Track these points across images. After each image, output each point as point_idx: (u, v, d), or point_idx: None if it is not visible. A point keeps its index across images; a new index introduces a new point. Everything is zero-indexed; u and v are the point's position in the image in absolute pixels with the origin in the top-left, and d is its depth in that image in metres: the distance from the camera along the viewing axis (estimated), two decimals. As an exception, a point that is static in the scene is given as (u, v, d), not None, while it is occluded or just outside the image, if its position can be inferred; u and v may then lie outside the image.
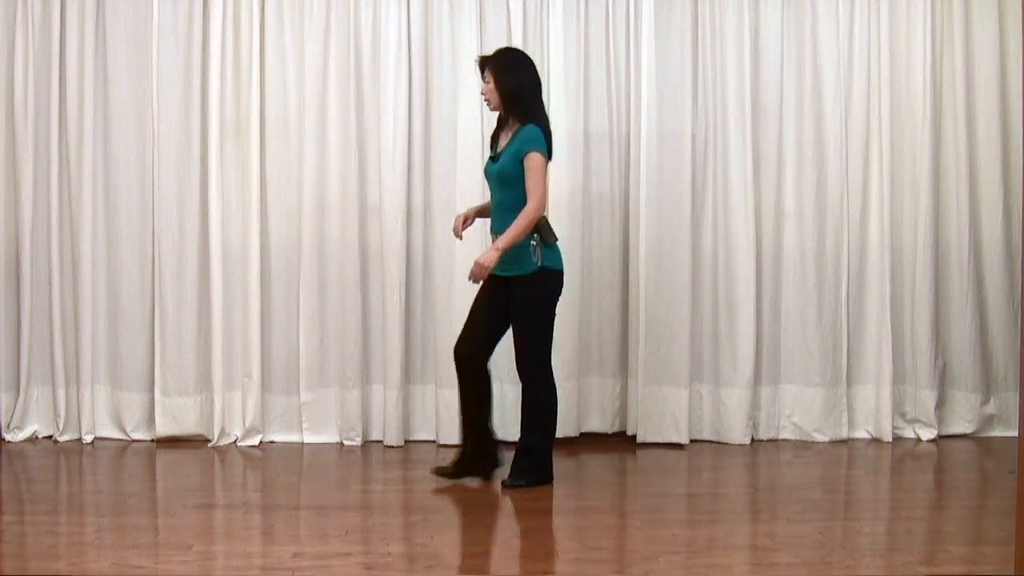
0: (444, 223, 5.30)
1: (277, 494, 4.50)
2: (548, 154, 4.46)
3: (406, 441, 5.34)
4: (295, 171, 5.31)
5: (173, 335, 5.29)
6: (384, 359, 5.30)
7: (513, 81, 4.48)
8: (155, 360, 5.30)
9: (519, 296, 4.46)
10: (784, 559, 3.64)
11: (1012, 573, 3.17)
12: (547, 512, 4.33)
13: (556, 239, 4.51)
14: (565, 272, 4.58)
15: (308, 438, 5.35)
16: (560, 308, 5.26)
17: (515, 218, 4.39)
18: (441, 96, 5.30)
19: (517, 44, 5.28)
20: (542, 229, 4.44)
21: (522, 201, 4.41)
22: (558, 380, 5.30)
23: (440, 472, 4.63)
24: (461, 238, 4.74)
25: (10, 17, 5.26)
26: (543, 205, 4.43)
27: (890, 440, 5.36)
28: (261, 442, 5.30)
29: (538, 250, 4.44)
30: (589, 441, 5.38)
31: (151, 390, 5.33)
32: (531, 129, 4.43)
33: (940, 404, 5.44)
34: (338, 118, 5.27)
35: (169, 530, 3.98)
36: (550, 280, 4.48)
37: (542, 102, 4.59)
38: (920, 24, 5.34)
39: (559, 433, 5.31)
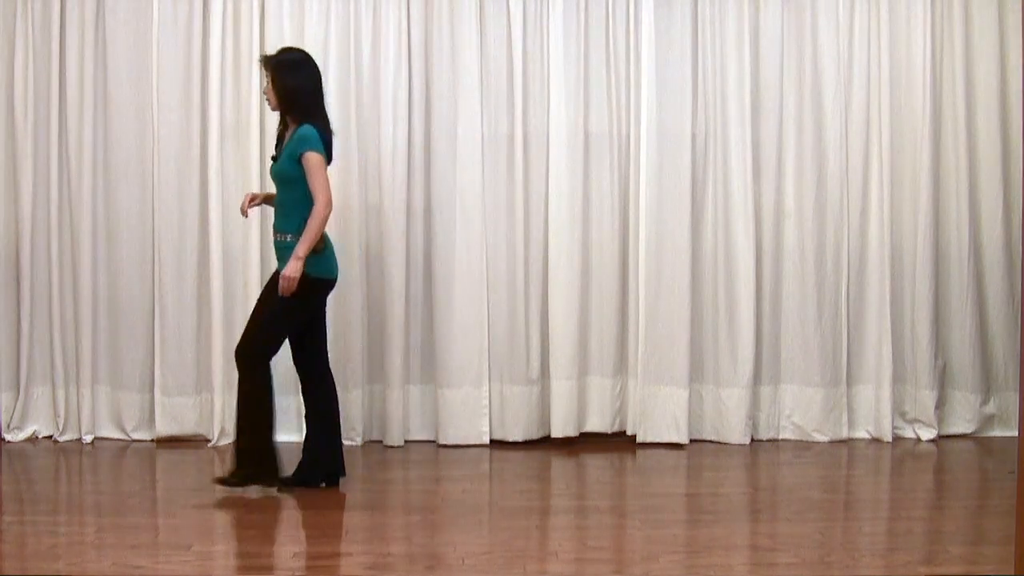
0: (444, 223, 5.30)
1: (278, 494, 4.50)
2: (326, 155, 4.37)
3: (406, 441, 5.34)
4: (295, 171, 5.30)
5: (173, 335, 5.29)
6: (384, 359, 5.30)
7: (291, 80, 4.42)
8: (155, 360, 5.31)
9: (275, 287, 4.38)
10: (784, 559, 3.64)
11: (1012, 573, 3.17)
12: (547, 512, 4.33)
13: (323, 247, 4.39)
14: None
15: (308, 438, 5.34)
16: (560, 308, 5.30)
17: (292, 217, 4.35)
18: (441, 96, 5.30)
19: (517, 44, 5.29)
20: None
21: (300, 201, 4.34)
22: (559, 379, 5.33)
23: (221, 481, 4.49)
24: (247, 216, 4.70)
25: (10, 17, 5.26)
26: (329, 203, 4.32)
27: (890, 440, 5.36)
28: (261, 442, 5.29)
29: None
30: (589, 441, 5.38)
31: (151, 390, 5.33)
32: (305, 129, 4.36)
33: (940, 404, 5.44)
34: (338, 118, 5.26)
35: (169, 530, 3.98)
36: (304, 285, 4.33)
37: (322, 104, 4.49)
38: (920, 24, 5.34)
39: (558, 433, 5.33)
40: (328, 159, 4.41)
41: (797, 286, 5.40)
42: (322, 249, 4.38)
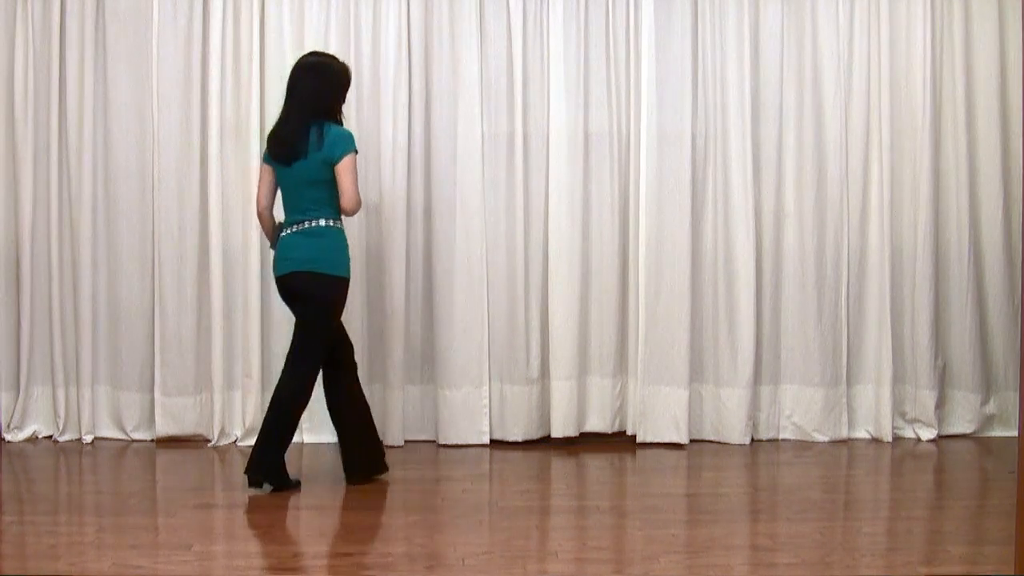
0: (444, 223, 5.30)
1: (277, 494, 4.50)
2: (266, 156, 4.59)
3: (406, 441, 5.34)
4: (295, 171, 5.30)
5: (173, 335, 5.30)
6: (384, 359, 5.30)
7: None
8: (155, 360, 5.31)
9: None
10: (784, 559, 3.64)
11: (1012, 573, 3.17)
12: (547, 512, 4.33)
13: (270, 245, 4.66)
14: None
15: (308, 438, 5.35)
16: (560, 308, 5.31)
17: None
18: (441, 96, 5.30)
19: (517, 44, 5.29)
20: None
21: None
22: (558, 379, 5.34)
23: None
24: None
25: (10, 17, 5.27)
26: (256, 202, 4.61)
27: (890, 440, 5.37)
28: (261, 442, 5.30)
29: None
30: (589, 441, 5.38)
31: (151, 390, 5.34)
32: None
33: (940, 404, 5.45)
34: (338, 118, 5.27)
35: (169, 530, 3.98)
36: None
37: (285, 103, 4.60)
38: (920, 24, 5.35)
39: (558, 433, 5.34)
40: (266, 160, 4.58)
41: (797, 286, 5.40)
42: (271, 247, 4.62)
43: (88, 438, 5.31)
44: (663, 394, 5.33)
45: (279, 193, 4.56)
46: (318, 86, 4.48)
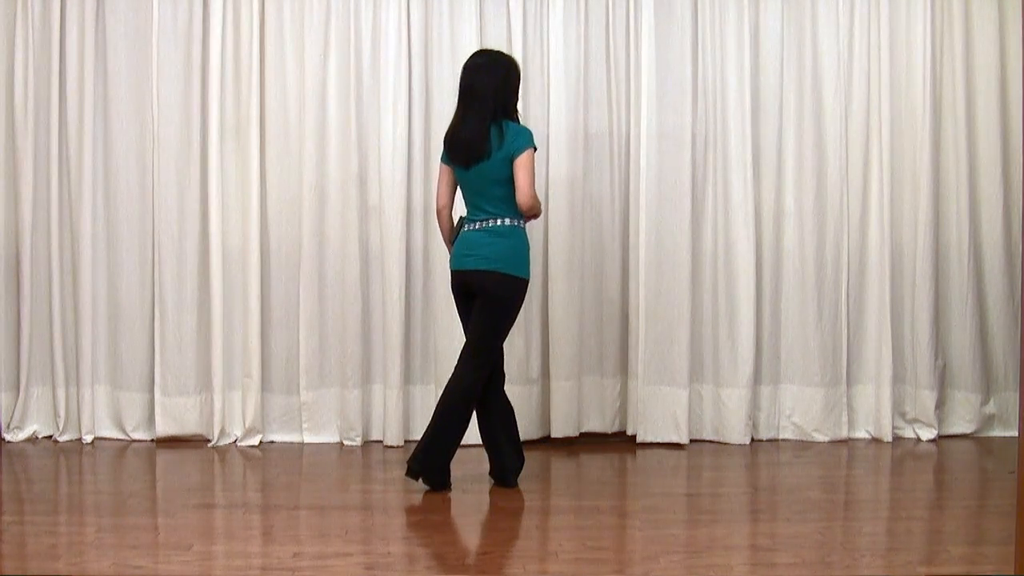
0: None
1: (277, 494, 4.50)
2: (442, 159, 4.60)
3: (406, 441, 5.34)
4: (295, 171, 5.31)
5: (173, 335, 5.29)
6: (384, 359, 5.30)
7: None
8: (155, 360, 5.31)
9: None
10: (784, 559, 3.64)
11: (1012, 573, 3.17)
12: (547, 512, 4.33)
13: (447, 245, 4.67)
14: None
15: (308, 438, 5.35)
16: (560, 308, 5.31)
17: None
18: (441, 96, 5.30)
19: (517, 44, 5.28)
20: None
21: None
22: (558, 379, 5.33)
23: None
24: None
25: (10, 17, 5.26)
26: (437, 201, 4.64)
27: (890, 440, 5.37)
28: (261, 442, 5.31)
29: None
30: (589, 441, 5.38)
31: (151, 390, 5.34)
32: None
33: (940, 404, 5.45)
34: (338, 118, 5.27)
35: (169, 530, 3.98)
36: None
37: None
38: (920, 24, 5.35)
39: (558, 433, 5.33)
40: (444, 160, 4.57)
41: (797, 286, 5.40)
42: (448, 246, 4.66)
43: (88, 438, 5.31)
44: (663, 394, 5.33)
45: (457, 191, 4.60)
46: (493, 85, 4.43)
